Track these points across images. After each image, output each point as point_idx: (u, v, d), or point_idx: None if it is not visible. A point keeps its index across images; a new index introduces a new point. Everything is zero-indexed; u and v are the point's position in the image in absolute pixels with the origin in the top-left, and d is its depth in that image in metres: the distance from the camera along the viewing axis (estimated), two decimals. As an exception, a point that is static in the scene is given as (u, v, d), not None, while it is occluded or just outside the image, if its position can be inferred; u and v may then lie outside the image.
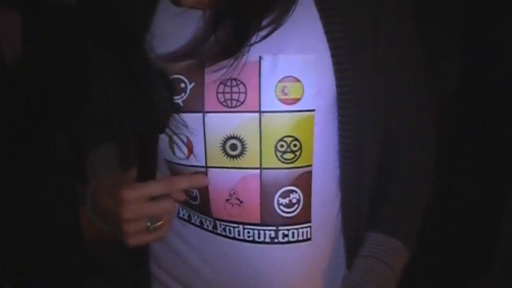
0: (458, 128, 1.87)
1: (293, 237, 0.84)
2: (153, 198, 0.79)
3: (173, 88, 0.80)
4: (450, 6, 1.75)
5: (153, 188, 0.78)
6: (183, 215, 0.89)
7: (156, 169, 0.81)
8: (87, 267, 1.73)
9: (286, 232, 0.84)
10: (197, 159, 0.83)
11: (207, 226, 0.86)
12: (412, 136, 0.93)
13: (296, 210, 0.84)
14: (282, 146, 0.81)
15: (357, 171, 0.86)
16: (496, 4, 1.81)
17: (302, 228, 0.85)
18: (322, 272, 0.89)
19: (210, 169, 0.83)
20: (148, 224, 0.79)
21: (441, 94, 1.74)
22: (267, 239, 0.84)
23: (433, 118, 0.95)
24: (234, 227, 0.84)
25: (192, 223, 0.88)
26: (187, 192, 0.84)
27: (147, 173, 0.79)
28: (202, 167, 0.83)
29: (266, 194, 0.82)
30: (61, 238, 1.66)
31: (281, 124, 0.80)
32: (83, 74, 0.93)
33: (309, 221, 0.85)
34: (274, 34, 0.81)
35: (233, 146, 0.81)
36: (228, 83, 0.80)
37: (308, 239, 0.85)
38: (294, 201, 0.83)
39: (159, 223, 0.80)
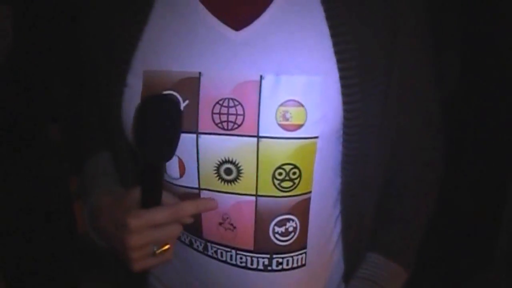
0: (458, 124, 1.85)
1: (287, 264, 0.80)
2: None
3: (180, 112, 0.74)
4: (450, 5, 1.71)
5: (161, 215, 0.74)
6: None
7: (162, 194, 0.76)
8: (82, 262, 1.72)
9: (280, 260, 0.80)
10: (190, 181, 0.77)
11: (197, 246, 0.82)
12: (419, 156, 0.89)
13: (292, 238, 0.79)
14: (280, 174, 0.75)
15: (360, 194, 0.81)
16: (496, 3, 1.78)
17: (297, 255, 0.80)
18: None
19: (203, 191, 0.77)
20: (154, 249, 0.75)
21: (441, 93, 1.72)
22: (260, 267, 0.80)
23: (443, 137, 0.90)
24: (226, 251, 0.80)
25: (182, 241, 0.83)
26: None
27: (153, 199, 0.74)
28: (195, 188, 0.77)
29: (261, 221, 0.77)
30: (56, 233, 1.64)
31: (280, 151, 0.74)
32: (76, 71, 0.90)
33: (305, 248, 0.81)
34: (277, 51, 0.74)
35: (228, 171, 0.76)
36: (225, 103, 0.74)
37: (303, 265, 0.81)
38: (290, 229, 0.78)
39: (165, 247, 0.75)
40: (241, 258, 0.79)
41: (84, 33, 0.83)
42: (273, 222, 0.78)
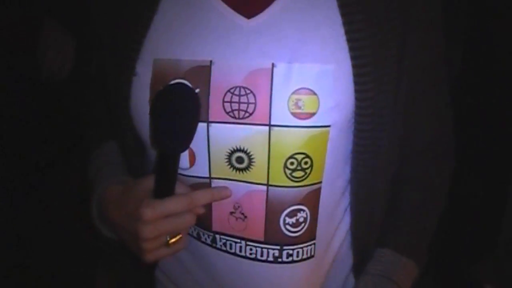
0: (458, 119, 1.85)
1: (297, 256, 0.79)
2: None
3: (198, 103, 0.72)
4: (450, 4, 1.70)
5: (175, 205, 0.72)
6: None
7: (175, 184, 0.74)
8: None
9: (290, 251, 0.79)
10: (201, 170, 0.76)
11: (205, 239, 0.81)
12: (429, 149, 0.87)
13: (303, 229, 0.78)
14: (292, 163, 0.74)
15: (371, 185, 0.80)
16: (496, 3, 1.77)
17: (307, 246, 0.80)
18: (326, 287, 0.85)
19: (214, 180, 0.76)
20: (167, 239, 0.73)
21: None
22: (270, 258, 0.79)
23: (452, 130, 0.90)
24: (236, 243, 0.79)
25: (189, 234, 0.82)
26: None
27: (166, 189, 0.73)
28: (205, 177, 0.76)
29: (272, 212, 0.76)
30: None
31: (292, 140, 0.73)
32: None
33: (314, 239, 0.80)
34: (289, 39, 0.73)
35: (240, 159, 0.74)
36: (236, 92, 0.73)
37: (312, 257, 0.81)
38: (301, 220, 0.78)
39: (178, 237, 0.74)
40: (250, 250, 0.78)
41: (94, 21, 0.83)
42: (284, 213, 0.77)
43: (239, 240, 0.78)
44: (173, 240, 0.73)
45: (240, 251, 0.79)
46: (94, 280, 1.74)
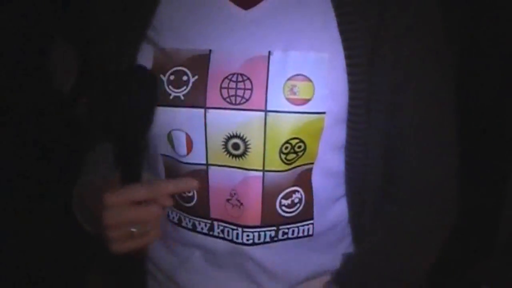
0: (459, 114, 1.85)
1: (293, 234, 0.81)
2: (139, 203, 0.71)
3: (153, 85, 0.73)
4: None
5: (137, 192, 0.70)
6: (173, 218, 0.83)
7: (141, 171, 0.74)
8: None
9: (286, 230, 0.80)
10: (198, 157, 0.77)
11: (201, 229, 0.81)
12: (424, 144, 0.82)
13: (298, 209, 0.79)
14: (286, 148, 0.76)
15: (363, 177, 0.81)
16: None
17: (304, 225, 0.81)
18: (325, 266, 0.86)
19: (211, 167, 0.78)
20: (133, 230, 0.71)
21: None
22: (267, 239, 0.80)
23: (454, 131, 0.83)
24: (232, 229, 0.79)
25: (183, 226, 0.83)
26: (179, 195, 0.80)
27: (130, 176, 0.72)
28: (202, 164, 0.78)
29: (268, 197, 0.78)
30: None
31: (288, 125, 0.74)
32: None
33: (311, 218, 0.81)
34: (285, 28, 0.75)
35: (236, 145, 0.76)
36: (234, 78, 0.75)
37: (310, 235, 0.82)
38: (296, 201, 0.79)
39: (144, 230, 0.71)
40: (247, 236, 0.79)
41: (96, 15, 0.85)
42: (280, 196, 0.78)
43: (235, 227, 0.79)
44: (139, 231, 0.71)
45: (237, 238, 0.79)
46: (87, 282, 1.72)
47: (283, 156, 0.76)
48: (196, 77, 0.75)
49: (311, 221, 0.81)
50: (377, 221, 0.84)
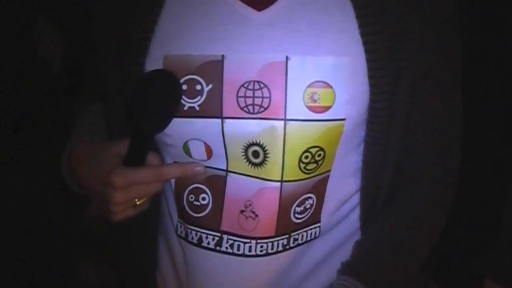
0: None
1: (302, 239, 0.79)
2: None
3: (175, 87, 0.73)
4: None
5: (144, 175, 0.73)
6: (181, 232, 0.81)
7: (147, 157, 0.75)
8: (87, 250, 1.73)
9: (296, 236, 0.78)
10: (218, 162, 0.75)
11: (208, 243, 0.79)
12: (436, 150, 0.83)
13: (308, 214, 0.78)
14: (306, 157, 0.73)
15: (379, 175, 0.79)
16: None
17: (312, 229, 0.80)
18: (333, 264, 0.83)
19: (230, 174, 0.76)
20: (135, 201, 0.75)
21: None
22: (280, 248, 0.78)
23: (460, 132, 0.85)
24: (245, 243, 0.77)
25: (189, 241, 0.80)
26: (193, 204, 0.79)
27: (137, 160, 0.74)
28: (223, 170, 0.76)
29: (284, 207, 0.76)
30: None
31: (308, 134, 0.72)
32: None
33: (319, 221, 0.80)
34: (302, 31, 0.72)
35: (256, 153, 0.74)
36: (250, 86, 0.72)
37: (316, 237, 0.80)
38: (307, 206, 0.77)
39: (144, 199, 0.75)
40: (261, 247, 0.77)
41: (100, 17, 0.82)
42: (295, 204, 0.76)
43: (248, 240, 0.77)
44: (139, 202, 0.75)
45: (250, 250, 0.77)
46: (78, 272, 1.73)
47: (302, 166, 0.74)
48: (211, 86, 0.72)
49: (318, 224, 0.79)
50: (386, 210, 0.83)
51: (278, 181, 0.74)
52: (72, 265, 1.73)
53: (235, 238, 0.77)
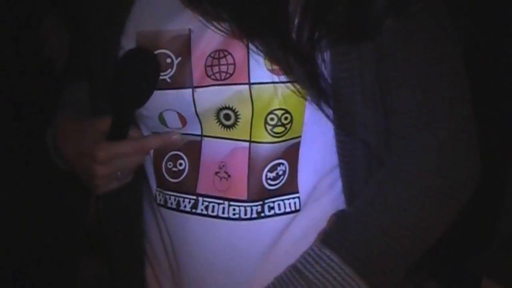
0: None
1: (279, 209, 0.81)
2: None
3: (153, 65, 0.77)
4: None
5: (127, 148, 0.79)
6: (160, 200, 0.85)
7: (128, 130, 0.80)
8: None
9: (271, 204, 0.80)
10: (193, 129, 0.80)
11: (185, 206, 0.82)
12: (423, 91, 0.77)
13: (282, 181, 0.80)
14: (272, 119, 0.77)
15: (355, 150, 0.79)
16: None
17: (289, 199, 0.81)
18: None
19: (205, 138, 0.80)
20: (119, 174, 0.81)
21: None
22: (254, 215, 0.80)
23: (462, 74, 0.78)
24: (218, 204, 0.80)
25: (168, 207, 0.84)
26: (170, 169, 0.83)
27: (120, 134, 0.80)
28: (198, 135, 0.80)
29: (254, 168, 0.79)
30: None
31: (271, 96, 0.76)
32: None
33: (297, 192, 0.81)
34: None
35: (227, 116, 0.78)
36: (216, 55, 0.77)
37: (297, 211, 0.81)
38: (280, 173, 0.80)
39: (127, 172, 0.82)
40: (234, 210, 0.80)
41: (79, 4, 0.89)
42: (266, 169, 0.79)
43: (222, 201, 0.80)
44: (123, 174, 0.81)
45: (223, 212, 0.80)
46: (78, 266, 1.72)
47: (269, 128, 0.77)
48: (180, 58, 0.77)
49: (297, 195, 0.81)
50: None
51: (247, 141, 0.78)
52: (72, 265, 1.73)
53: (209, 200, 0.81)
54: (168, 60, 0.78)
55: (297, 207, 0.81)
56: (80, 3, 0.89)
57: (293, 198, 0.81)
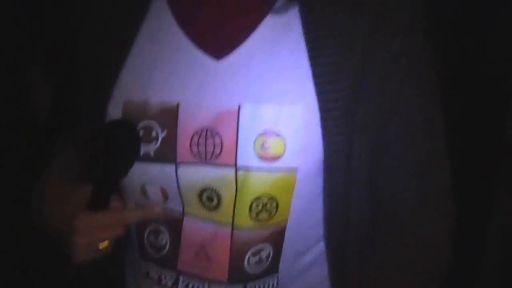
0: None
1: None
2: None
3: (133, 137, 0.75)
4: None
5: (107, 219, 0.75)
6: (142, 269, 0.83)
7: (110, 201, 0.77)
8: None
9: (252, 285, 0.79)
10: (174, 205, 0.77)
11: (166, 282, 0.80)
12: (417, 178, 0.79)
13: (266, 265, 0.78)
14: (257, 205, 0.74)
15: (343, 223, 0.78)
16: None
17: (270, 279, 0.79)
18: None
19: (186, 216, 0.77)
20: (98, 245, 0.77)
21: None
22: None
23: (448, 181, 0.81)
24: (198, 284, 0.79)
25: (150, 278, 0.82)
26: (152, 243, 0.80)
27: (101, 204, 0.76)
28: (179, 212, 0.77)
29: (236, 253, 0.76)
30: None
31: (258, 182, 0.73)
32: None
33: (277, 272, 0.79)
34: (256, 80, 0.73)
35: (210, 198, 0.75)
36: (203, 134, 0.73)
37: (274, 287, 0.80)
38: (263, 256, 0.77)
39: (106, 243, 0.77)
40: None
41: (79, 55, 0.84)
42: (249, 253, 0.77)
43: (202, 281, 0.78)
44: (102, 245, 0.77)
45: None
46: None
47: (253, 214, 0.74)
48: (165, 132, 0.74)
49: (276, 274, 0.79)
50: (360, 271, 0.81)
51: (229, 225, 0.75)
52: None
53: (189, 279, 0.79)
54: (154, 134, 0.75)
55: (275, 285, 0.80)
56: (70, 63, 0.86)
57: (273, 277, 0.79)
